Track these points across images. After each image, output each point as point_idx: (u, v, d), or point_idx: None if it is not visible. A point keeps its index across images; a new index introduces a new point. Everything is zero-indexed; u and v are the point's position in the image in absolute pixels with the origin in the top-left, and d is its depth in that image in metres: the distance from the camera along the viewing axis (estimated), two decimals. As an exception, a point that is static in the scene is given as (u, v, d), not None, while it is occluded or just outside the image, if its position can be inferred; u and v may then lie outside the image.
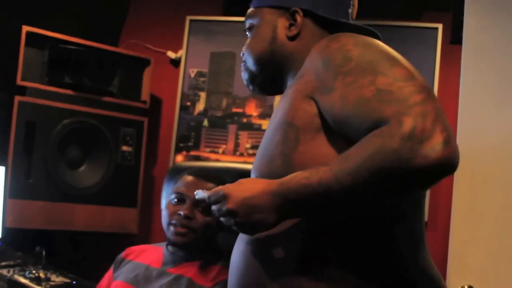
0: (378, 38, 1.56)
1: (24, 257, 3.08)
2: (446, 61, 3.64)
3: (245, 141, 3.94)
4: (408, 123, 1.19)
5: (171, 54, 4.12)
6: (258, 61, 1.64)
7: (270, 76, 1.65)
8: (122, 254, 2.51)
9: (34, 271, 2.83)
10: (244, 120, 3.97)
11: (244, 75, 1.70)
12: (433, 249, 1.55)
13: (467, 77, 3.00)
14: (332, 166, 1.26)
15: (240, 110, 3.99)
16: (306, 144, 1.38)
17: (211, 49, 4.09)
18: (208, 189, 2.27)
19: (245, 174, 1.52)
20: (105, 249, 3.95)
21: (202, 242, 2.29)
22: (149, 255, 2.41)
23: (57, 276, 2.90)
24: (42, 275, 2.83)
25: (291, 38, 1.59)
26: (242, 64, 1.71)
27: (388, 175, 1.19)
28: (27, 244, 3.30)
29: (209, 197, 1.40)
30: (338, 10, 1.61)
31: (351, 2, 1.65)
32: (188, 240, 2.26)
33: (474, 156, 2.94)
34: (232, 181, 1.41)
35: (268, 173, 1.41)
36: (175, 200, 2.31)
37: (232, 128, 3.98)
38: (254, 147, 3.89)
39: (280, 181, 1.32)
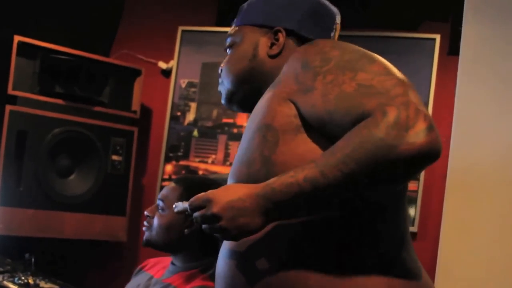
0: None
1: (13, 264, 3.10)
2: (443, 72, 3.60)
3: (235, 152, 3.95)
4: (392, 112, 1.21)
5: (162, 65, 4.14)
6: (236, 77, 1.64)
7: (248, 93, 1.64)
8: (141, 265, 2.57)
9: (23, 278, 2.85)
10: (235, 130, 3.99)
11: (222, 93, 1.69)
12: (422, 259, 1.56)
13: (463, 88, 2.98)
14: (317, 161, 1.26)
15: (230, 121, 4.01)
16: (286, 144, 1.38)
17: (203, 60, 4.11)
18: (167, 193, 2.37)
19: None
20: (94, 257, 3.98)
21: (163, 242, 2.35)
22: (159, 266, 2.47)
23: (46, 283, 2.92)
24: (31, 281, 2.85)
25: (272, 57, 1.60)
26: (220, 80, 1.70)
27: (376, 163, 1.20)
28: (17, 251, 3.32)
29: (191, 203, 1.37)
30: (321, 33, 1.62)
31: (334, 27, 1.67)
32: (147, 237, 2.37)
33: (467, 167, 2.92)
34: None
35: (246, 177, 1.40)
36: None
37: (222, 138, 4.00)
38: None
39: (264, 183, 1.31)
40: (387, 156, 1.20)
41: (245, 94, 1.64)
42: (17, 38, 3.41)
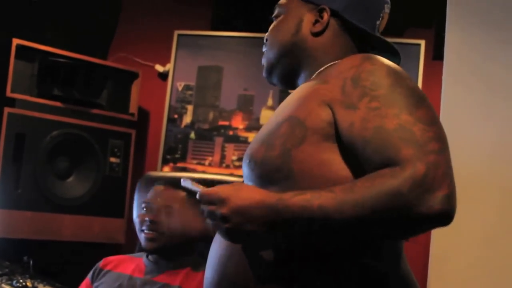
0: (399, 58, 1.63)
1: (11, 267, 3.09)
2: (429, 77, 3.67)
3: (231, 153, 3.99)
4: (421, 170, 1.20)
5: (159, 68, 4.15)
6: (278, 50, 1.63)
7: (287, 68, 1.63)
8: (100, 264, 2.52)
9: (21, 281, 2.83)
10: (231, 132, 4.01)
11: (264, 64, 1.68)
12: (414, 261, 1.57)
13: (448, 93, 3.03)
14: (337, 193, 1.24)
15: (226, 123, 4.03)
16: (311, 145, 1.36)
17: (199, 63, 4.13)
18: (177, 197, 2.35)
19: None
20: (92, 259, 3.95)
21: (175, 246, 2.32)
22: (129, 265, 2.43)
23: (44, 286, 2.91)
24: (29, 284, 2.84)
25: (315, 34, 1.58)
26: (264, 50, 1.69)
27: (391, 218, 1.20)
28: (15, 254, 3.31)
29: (202, 196, 1.35)
30: (366, 19, 1.60)
31: (381, 15, 1.64)
32: (159, 244, 2.31)
33: (454, 170, 2.97)
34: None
35: (261, 160, 1.40)
36: (144, 210, 2.38)
37: (219, 140, 4.02)
38: (240, 159, 3.93)
39: (279, 196, 1.28)
40: (404, 213, 1.20)
41: (285, 69, 1.63)
42: (15, 41, 3.42)
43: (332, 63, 1.54)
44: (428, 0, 3.70)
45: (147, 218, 2.34)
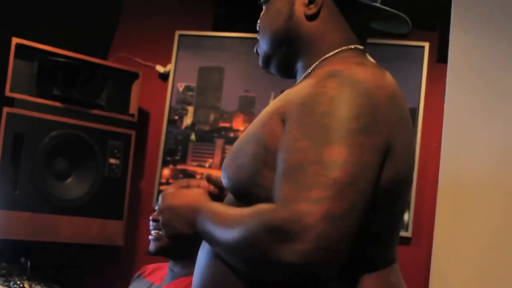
0: (408, 25, 1.53)
1: (9, 268, 3.08)
2: (433, 80, 3.67)
3: (232, 156, 3.96)
4: (280, 217, 1.15)
5: (159, 68, 4.14)
6: (272, 40, 1.51)
7: (285, 56, 1.51)
8: (139, 271, 2.54)
9: (19, 282, 2.83)
10: (231, 134, 3.99)
11: (259, 55, 1.57)
12: (416, 265, 1.55)
13: (452, 96, 3.03)
14: (221, 216, 1.30)
15: (227, 125, 4.01)
16: (271, 170, 1.28)
17: (200, 64, 4.11)
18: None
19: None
20: (90, 261, 3.96)
21: (177, 247, 2.29)
22: (158, 273, 2.44)
23: (42, 287, 2.90)
24: (26, 286, 2.83)
25: (309, 18, 1.45)
26: (258, 40, 1.58)
27: (249, 255, 1.22)
28: (13, 255, 3.30)
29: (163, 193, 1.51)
30: None
31: None
32: (162, 244, 2.29)
33: (458, 174, 2.96)
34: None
35: (232, 178, 1.38)
36: (155, 212, 2.37)
37: (219, 142, 4.00)
38: (241, 161, 3.90)
39: (210, 203, 1.37)
40: (257, 256, 1.19)
41: (283, 58, 1.52)
42: (15, 40, 3.40)
43: (325, 57, 1.44)
44: (432, 2, 3.69)
45: (150, 218, 2.34)
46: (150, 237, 2.33)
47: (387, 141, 1.27)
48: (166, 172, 4.03)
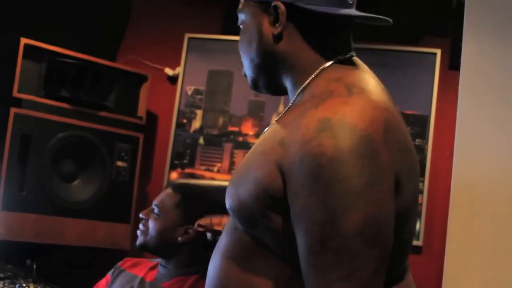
0: (387, 20, 1.43)
1: (14, 270, 3.06)
2: (444, 87, 3.65)
3: (241, 160, 3.93)
4: None
5: (168, 71, 4.12)
6: (252, 64, 1.49)
7: (269, 77, 1.49)
8: (120, 263, 2.60)
9: (24, 284, 2.81)
10: (240, 139, 3.97)
11: (247, 76, 1.55)
12: (428, 274, 1.53)
13: (464, 103, 3.01)
14: None
15: (236, 129, 3.99)
16: (274, 212, 1.30)
17: (209, 67, 4.10)
18: (168, 199, 2.41)
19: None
20: (96, 265, 3.93)
21: (156, 247, 2.40)
22: (144, 268, 2.49)
23: (47, 290, 2.88)
24: (32, 288, 2.81)
25: (277, 37, 1.41)
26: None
27: None
28: (18, 257, 3.29)
29: None
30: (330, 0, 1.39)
31: None
32: (142, 240, 2.42)
33: (470, 183, 2.94)
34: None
35: (237, 214, 1.37)
36: None
37: (228, 146, 3.98)
38: (249, 166, 3.89)
39: None
40: None
41: (268, 78, 1.49)
42: (23, 41, 3.38)
43: (310, 79, 1.39)
44: (444, 8, 3.67)
45: (140, 215, 2.47)
46: (138, 231, 2.46)
47: (395, 176, 1.27)
48: (174, 175, 4.01)
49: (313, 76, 1.40)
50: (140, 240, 2.42)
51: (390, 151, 1.27)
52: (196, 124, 4.05)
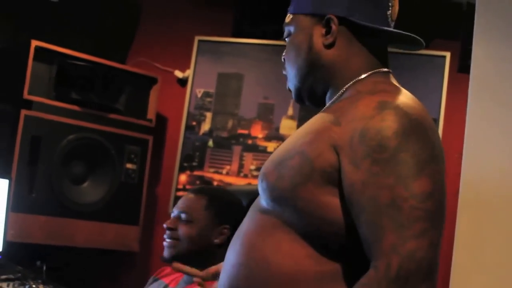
0: (421, 44, 1.58)
1: (24, 272, 3.07)
2: (454, 90, 3.64)
3: (250, 163, 3.94)
4: (394, 266, 1.25)
5: (178, 74, 4.13)
6: (299, 73, 1.58)
7: (315, 87, 1.58)
8: (156, 272, 2.56)
9: (34, 286, 2.82)
10: (249, 141, 3.97)
11: (291, 89, 1.64)
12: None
13: (473, 107, 3.00)
14: None
15: (245, 132, 3.99)
16: (315, 185, 1.37)
17: (219, 70, 4.10)
18: (197, 204, 2.37)
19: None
20: (105, 266, 3.95)
21: (193, 255, 2.32)
22: (174, 276, 2.46)
23: (56, 292, 2.89)
24: (41, 290, 2.82)
25: (327, 47, 1.53)
26: (284, 73, 1.65)
27: None
28: (28, 259, 3.29)
29: None
30: (376, 14, 1.53)
31: (390, 3, 1.56)
32: (174, 251, 2.33)
33: (479, 186, 2.92)
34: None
35: (272, 187, 1.42)
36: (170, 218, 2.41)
37: (237, 149, 3.98)
38: (259, 169, 3.87)
39: None
40: None
41: (312, 88, 1.59)
42: (34, 43, 3.40)
43: (357, 79, 1.51)
44: (454, 11, 3.65)
45: (165, 225, 2.36)
46: (164, 243, 2.36)
47: (443, 162, 1.40)
48: (183, 178, 4.01)
49: (358, 78, 1.52)
50: (170, 252, 2.34)
51: (437, 142, 1.39)
52: (206, 126, 4.05)
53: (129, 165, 3.68)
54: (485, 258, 2.87)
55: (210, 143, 4.03)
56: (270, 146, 3.89)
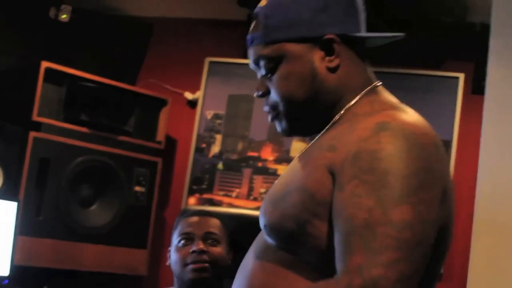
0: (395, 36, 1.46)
1: (30, 295, 3.05)
2: (467, 111, 3.61)
3: (260, 186, 3.89)
4: (357, 284, 1.19)
5: (188, 95, 4.11)
6: (303, 106, 1.43)
7: (315, 117, 1.45)
8: None
9: (40, 311, 2.79)
10: (260, 164, 3.93)
11: (281, 125, 1.48)
12: None
13: (489, 128, 2.97)
14: None
15: (255, 154, 3.95)
16: (321, 220, 1.32)
17: (229, 92, 4.07)
18: (214, 225, 2.43)
19: (252, 220, 1.52)
20: (113, 290, 3.90)
21: (221, 274, 2.38)
22: None
23: (62, 317, 2.86)
24: (47, 314, 2.79)
25: (332, 70, 1.41)
26: (271, 113, 1.49)
27: None
28: (35, 282, 3.27)
29: None
30: (360, 23, 1.44)
31: (364, 7, 1.47)
32: (209, 274, 2.36)
33: (494, 210, 2.90)
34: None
35: (277, 229, 1.37)
36: (183, 241, 2.42)
37: (247, 172, 3.94)
38: (269, 192, 3.85)
39: None
40: None
41: (312, 120, 1.45)
42: (44, 64, 3.39)
43: (350, 104, 1.42)
44: (468, 32, 3.63)
45: (194, 249, 2.36)
46: (194, 266, 2.36)
47: (443, 187, 1.32)
48: (192, 201, 3.96)
49: (353, 101, 1.42)
50: (204, 276, 2.37)
51: (439, 162, 1.32)
52: (215, 149, 4.01)
53: (137, 188, 3.65)
54: (501, 282, 2.83)
55: (220, 165, 3.99)
56: (280, 168, 3.85)
